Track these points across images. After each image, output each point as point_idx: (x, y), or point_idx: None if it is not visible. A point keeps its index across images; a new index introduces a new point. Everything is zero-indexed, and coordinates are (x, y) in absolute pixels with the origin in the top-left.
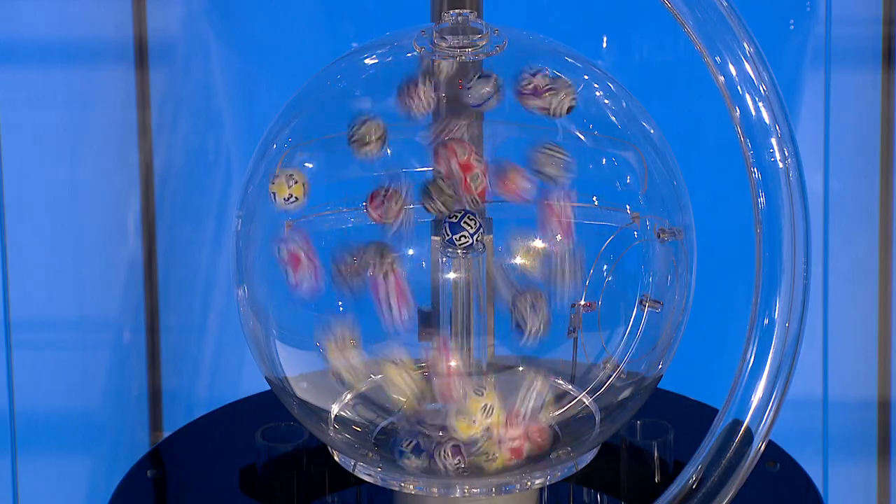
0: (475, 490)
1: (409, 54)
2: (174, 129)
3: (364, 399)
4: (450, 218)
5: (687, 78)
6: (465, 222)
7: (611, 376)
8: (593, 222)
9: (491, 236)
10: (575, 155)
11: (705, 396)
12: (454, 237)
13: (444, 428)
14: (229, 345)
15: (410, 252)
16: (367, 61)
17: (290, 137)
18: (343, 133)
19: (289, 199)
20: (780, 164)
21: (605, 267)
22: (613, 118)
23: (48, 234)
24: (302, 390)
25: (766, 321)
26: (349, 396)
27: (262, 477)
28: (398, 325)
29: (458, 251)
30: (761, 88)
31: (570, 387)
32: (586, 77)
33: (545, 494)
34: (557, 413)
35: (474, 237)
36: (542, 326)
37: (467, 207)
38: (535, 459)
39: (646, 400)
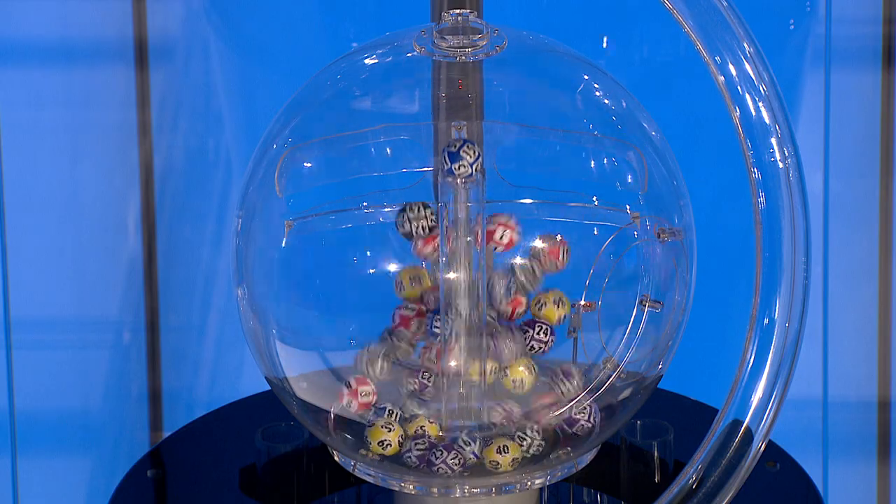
0: (475, 490)
1: (409, 54)
2: (174, 129)
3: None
4: (449, 147)
5: (687, 78)
6: (464, 151)
7: (611, 376)
8: (593, 222)
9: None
10: (575, 155)
11: (705, 396)
12: (453, 166)
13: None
14: (229, 345)
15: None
16: (367, 61)
17: (290, 137)
18: (341, 133)
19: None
20: (780, 164)
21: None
22: (613, 118)
23: (48, 234)
24: (302, 390)
25: (766, 321)
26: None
27: (262, 477)
28: None
29: (458, 180)
30: (761, 88)
31: (569, 387)
32: (586, 77)
33: (545, 494)
34: (557, 413)
35: (473, 166)
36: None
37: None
38: (536, 459)
39: (646, 400)
